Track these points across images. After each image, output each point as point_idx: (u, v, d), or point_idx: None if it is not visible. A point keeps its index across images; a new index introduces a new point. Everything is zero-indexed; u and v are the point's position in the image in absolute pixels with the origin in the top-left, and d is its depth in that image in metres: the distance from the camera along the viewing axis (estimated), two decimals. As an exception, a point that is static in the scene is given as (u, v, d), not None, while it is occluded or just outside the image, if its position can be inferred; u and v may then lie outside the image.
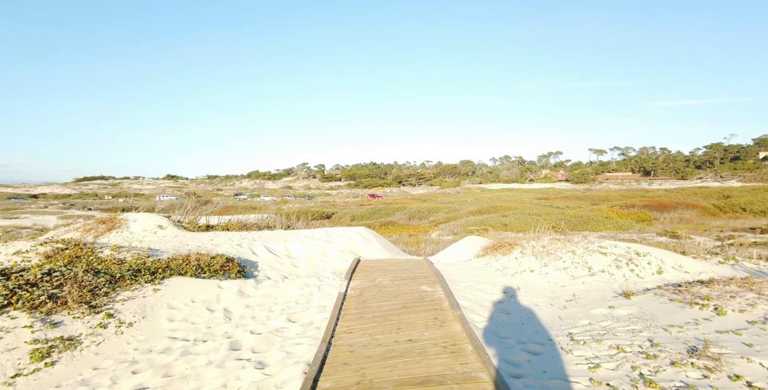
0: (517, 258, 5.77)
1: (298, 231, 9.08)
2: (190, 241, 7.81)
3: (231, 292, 4.93)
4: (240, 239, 7.98)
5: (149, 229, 8.36)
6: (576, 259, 5.28)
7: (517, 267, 5.55)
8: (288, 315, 4.47)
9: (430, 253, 16.43)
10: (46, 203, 48.37)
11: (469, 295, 4.75)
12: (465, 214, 29.73)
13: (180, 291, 4.70)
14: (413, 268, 6.57)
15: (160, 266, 5.27)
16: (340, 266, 7.27)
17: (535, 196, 50.14)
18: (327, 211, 34.01)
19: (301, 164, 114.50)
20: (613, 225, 24.81)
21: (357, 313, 4.40)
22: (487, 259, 6.32)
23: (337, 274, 6.45)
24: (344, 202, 47.34)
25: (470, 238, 8.62)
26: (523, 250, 5.90)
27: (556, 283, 4.92)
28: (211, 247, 7.17)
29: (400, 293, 5.06)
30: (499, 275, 5.41)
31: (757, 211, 30.30)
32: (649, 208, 31.81)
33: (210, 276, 5.43)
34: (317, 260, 7.43)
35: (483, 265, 6.04)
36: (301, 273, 6.83)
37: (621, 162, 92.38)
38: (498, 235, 22.09)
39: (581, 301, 4.09)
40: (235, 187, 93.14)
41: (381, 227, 25.43)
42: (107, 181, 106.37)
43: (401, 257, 8.38)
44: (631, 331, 3.02)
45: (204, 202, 46.06)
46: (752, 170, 66.61)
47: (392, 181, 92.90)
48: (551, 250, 5.57)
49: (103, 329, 3.81)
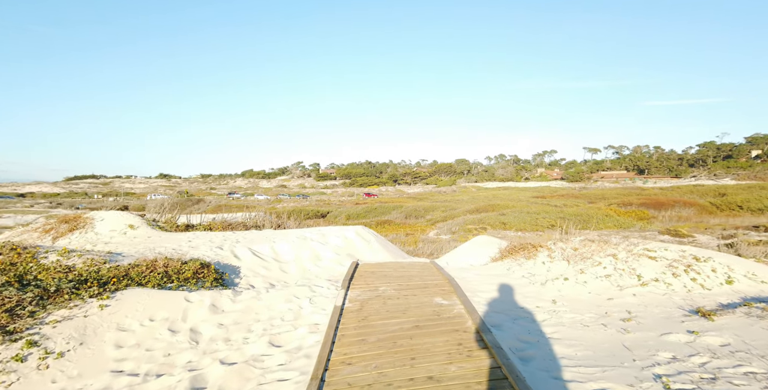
0: (545, 263, 4.93)
1: (288, 231, 8.14)
2: (165, 243, 6.82)
3: (202, 306, 3.99)
4: (222, 240, 7.01)
5: (118, 229, 7.34)
6: (619, 264, 4.45)
7: (547, 274, 4.70)
8: (271, 337, 3.55)
9: (429, 252, 15.60)
10: (32, 202, 46.54)
11: (495, 309, 3.88)
12: (462, 212, 29.19)
13: (136, 307, 3.75)
14: (421, 274, 5.69)
15: (117, 275, 4.30)
16: (335, 271, 6.36)
17: (531, 194, 49.89)
18: (322, 209, 33.31)
19: (296, 163, 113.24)
20: (614, 223, 24.38)
21: (357, 335, 3.50)
22: (508, 263, 5.46)
23: (333, 281, 5.54)
24: (339, 201, 46.59)
25: (481, 239, 7.76)
26: (550, 253, 5.06)
27: (600, 294, 4.09)
28: (186, 250, 6.19)
29: (410, 307, 4.18)
30: (526, 284, 4.56)
31: (755, 209, 30.16)
32: (646, 206, 31.54)
33: (178, 286, 4.48)
34: (310, 264, 6.51)
35: (504, 271, 5.18)
36: (291, 280, 5.91)
37: (615, 160, 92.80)
38: (497, 233, 21.42)
39: (644, 322, 3.26)
40: (228, 186, 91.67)
41: (377, 226, 24.75)
42: (98, 180, 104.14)
43: (405, 260, 7.49)
44: (752, 377, 2.15)
45: (196, 200, 44.71)
46: (745, 168, 67.19)
47: (388, 180, 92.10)
48: (585, 253, 4.74)
49: (19, 363, 2.85)
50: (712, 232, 20.98)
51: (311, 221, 29.68)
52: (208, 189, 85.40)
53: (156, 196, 61.13)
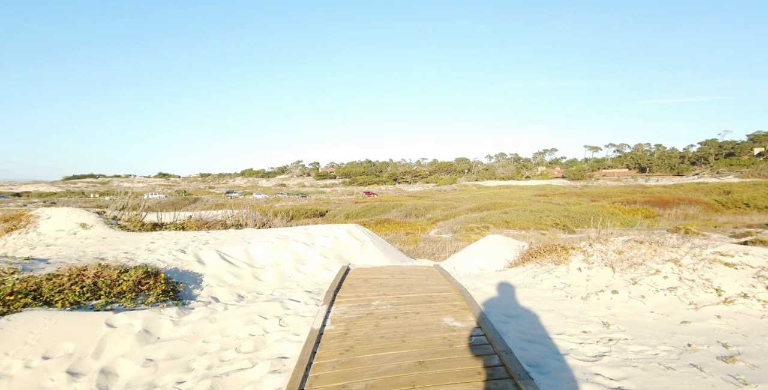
0: (582, 270, 3.88)
1: (270, 230, 7.07)
2: (120, 245, 5.75)
3: (129, 333, 2.93)
4: (188, 242, 5.94)
5: (67, 228, 6.27)
6: (685, 273, 3.40)
7: (587, 284, 3.65)
8: (214, 381, 2.49)
9: (431, 252, 14.55)
10: (26, 201, 45.42)
11: (528, 336, 2.84)
12: (463, 211, 28.33)
13: (26, 338, 2.69)
14: (425, 282, 4.64)
15: (21, 290, 3.24)
16: (321, 278, 5.31)
17: (532, 192, 49.06)
18: (321, 208, 32.45)
19: (295, 162, 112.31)
20: (620, 222, 23.48)
21: (337, 377, 2.45)
22: (532, 269, 4.40)
23: (315, 293, 4.48)
24: (339, 200, 45.73)
25: (492, 239, 6.70)
26: (587, 257, 4.01)
27: (667, 315, 3.04)
28: (139, 254, 5.13)
29: (411, 331, 3.13)
30: (562, 298, 3.51)
31: (761, 207, 29.30)
32: (650, 204, 30.71)
33: (106, 303, 3.41)
34: (291, 270, 5.45)
35: (529, 280, 4.12)
36: (266, 289, 4.84)
37: (616, 159, 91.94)
38: (499, 232, 20.45)
39: (759, 363, 2.21)
40: (227, 185, 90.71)
41: (376, 225, 23.90)
42: (97, 179, 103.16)
43: (405, 264, 6.43)
44: None
45: (193, 199, 43.64)
46: (748, 166, 66.34)
47: (387, 179, 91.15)
48: (634, 257, 3.69)
49: None
50: (723, 230, 20.00)
51: (309, 220, 28.74)
52: (207, 188, 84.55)
53: (153, 195, 60.25)
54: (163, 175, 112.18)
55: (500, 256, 5.89)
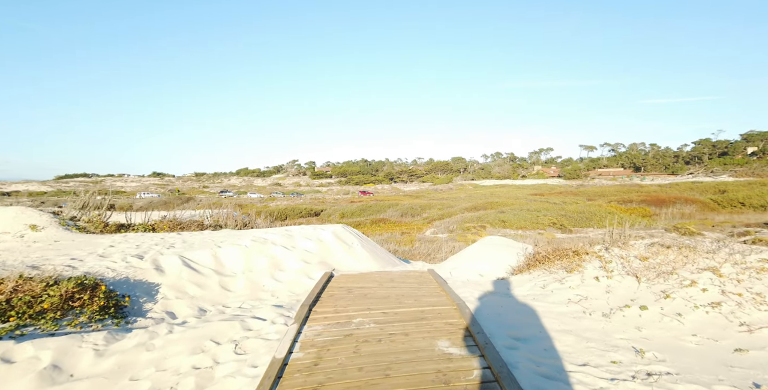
0: (600, 279, 3.27)
1: (248, 232, 6.40)
2: (72, 250, 5.05)
3: (27, 372, 2.26)
4: (151, 245, 5.25)
5: (13, 231, 5.54)
6: (728, 285, 2.81)
7: (607, 297, 3.04)
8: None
9: (426, 252, 13.96)
10: (13, 201, 44.06)
11: (544, 370, 2.23)
12: (460, 210, 27.88)
13: None
14: (416, 292, 4.02)
15: None
16: (300, 286, 4.66)
17: (528, 192, 48.84)
18: (316, 208, 31.82)
19: (291, 161, 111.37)
20: (618, 221, 23.05)
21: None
22: (540, 277, 3.78)
23: (289, 306, 3.84)
24: (334, 199, 45.13)
25: (491, 240, 6.10)
26: (605, 263, 3.40)
27: (715, 339, 2.45)
28: (88, 261, 4.43)
29: (397, 359, 2.50)
30: (579, 314, 2.90)
31: (757, 206, 29.22)
32: (647, 203, 30.51)
33: (16, 327, 2.73)
34: (266, 277, 4.79)
35: (538, 291, 3.50)
36: (235, 301, 4.19)
37: (611, 158, 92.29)
38: (497, 232, 19.96)
39: None
40: (222, 185, 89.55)
41: (372, 224, 23.37)
42: (90, 178, 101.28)
43: (395, 269, 5.80)
44: None
45: (185, 199, 42.67)
46: (742, 165, 66.82)
47: (384, 178, 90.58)
48: (662, 265, 3.09)
49: None
50: (721, 229, 19.68)
51: (303, 219, 28.05)
52: (201, 187, 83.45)
53: (146, 194, 59.23)
54: (157, 174, 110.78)
55: (501, 259, 5.29)
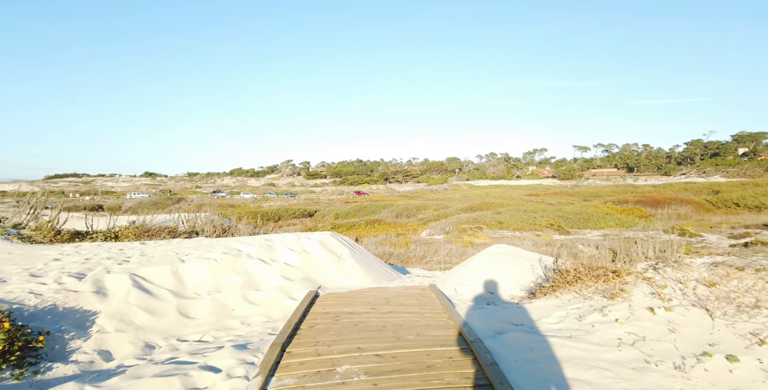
0: (656, 311, 2.52)
1: (223, 241, 5.57)
2: (4, 266, 4.18)
3: None
4: (101, 259, 4.41)
5: (-64, 242, 4.65)
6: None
7: (673, 339, 2.30)
8: None
9: (422, 255, 13.27)
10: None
11: None
12: (455, 211, 27.34)
13: None
14: (418, 321, 3.27)
15: None
16: (280, 310, 3.88)
17: (524, 192, 48.61)
18: (310, 208, 31.06)
19: (285, 161, 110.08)
20: (615, 222, 22.79)
21: None
22: (572, 303, 3.01)
23: (262, 335, 3.06)
24: (329, 200, 44.33)
25: (499, 250, 5.37)
26: (658, 289, 2.67)
27: None
28: (11, 283, 3.59)
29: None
30: (639, 363, 2.16)
31: (752, 207, 29.20)
32: (642, 203, 30.35)
33: None
34: (237, 299, 3.99)
35: (572, 324, 2.74)
36: (195, 331, 3.39)
37: (605, 159, 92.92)
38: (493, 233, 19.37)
39: None
40: (215, 185, 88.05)
41: (367, 226, 22.69)
42: (80, 178, 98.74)
43: (391, 284, 5.04)
44: None
45: (176, 199, 41.50)
46: (734, 166, 67.60)
47: (378, 179, 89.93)
48: (737, 293, 2.38)
49: None
50: (720, 231, 19.35)
51: (297, 221, 27.20)
52: (194, 187, 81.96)
53: (136, 194, 57.74)
54: (149, 174, 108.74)
55: (513, 273, 4.56)
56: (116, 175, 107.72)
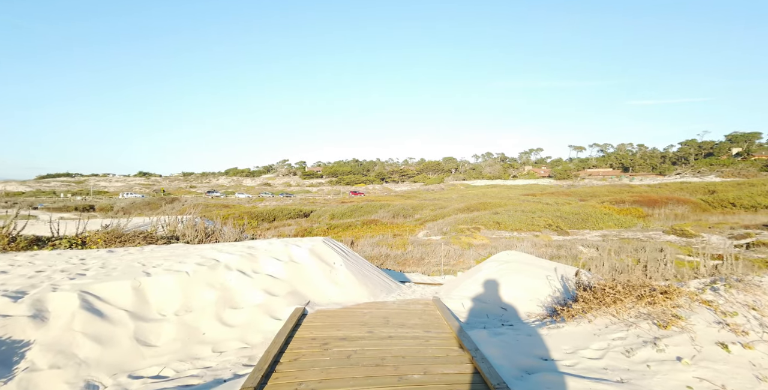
0: (729, 347, 2.01)
1: (201, 248, 4.96)
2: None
3: None
4: (56, 271, 3.79)
5: None
6: None
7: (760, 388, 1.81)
8: None
9: (420, 257, 12.73)
10: None
11: None
12: (452, 211, 26.91)
13: None
14: (423, 350, 2.71)
15: None
16: (259, 333, 3.29)
17: (520, 192, 48.41)
18: (305, 208, 30.46)
19: (281, 161, 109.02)
20: (614, 222, 22.48)
21: None
22: (612, 331, 2.45)
23: (235, 368, 2.48)
24: (325, 200, 43.72)
25: (508, 258, 4.83)
26: (727, 317, 2.14)
27: None
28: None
29: None
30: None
31: (747, 206, 29.17)
32: (639, 203, 30.18)
33: None
34: (210, 320, 3.40)
35: (617, 360, 2.21)
36: (154, 364, 2.80)
37: (600, 158, 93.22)
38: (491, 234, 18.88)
39: None
40: (210, 185, 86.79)
41: (363, 226, 22.19)
42: (72, 178, 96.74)
43: (390, 298, 4.47)
44: None
45: (170, 200, 40.54)
46: (728, 166, 68.14)
47: (375, 178, 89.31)
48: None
49: None
50: (720, 231, 19.08)
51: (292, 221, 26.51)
52: (188, 187, 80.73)
53: (129, 194, 56.54)
54: (143, 174, 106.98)
55: (528, 286, 4.02)
56: (109, 174, 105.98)
